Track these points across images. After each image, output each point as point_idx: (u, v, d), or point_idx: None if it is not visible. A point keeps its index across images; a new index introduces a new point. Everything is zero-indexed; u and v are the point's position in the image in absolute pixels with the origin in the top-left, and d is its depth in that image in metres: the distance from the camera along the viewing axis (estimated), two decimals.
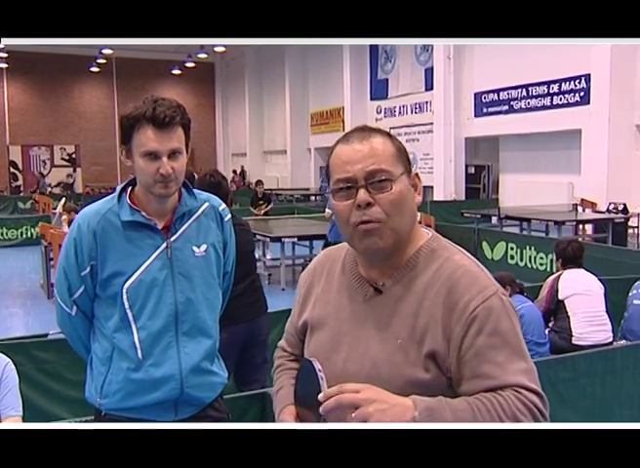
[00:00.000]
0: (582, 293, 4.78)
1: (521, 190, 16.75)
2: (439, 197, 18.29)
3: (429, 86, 19.40)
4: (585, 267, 4.99)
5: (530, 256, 9.38)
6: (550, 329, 4.87)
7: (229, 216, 2.19)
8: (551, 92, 15.72)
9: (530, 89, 16.33)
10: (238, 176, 29.50)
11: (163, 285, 1.98)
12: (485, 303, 1.32)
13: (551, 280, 4.96)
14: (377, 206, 1.34)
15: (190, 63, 28.91)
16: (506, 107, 17.12)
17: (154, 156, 1.91)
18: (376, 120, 21.88)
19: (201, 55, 27.19)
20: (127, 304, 1.96)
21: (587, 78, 14.44)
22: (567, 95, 15.28)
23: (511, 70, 16.44)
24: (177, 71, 30.34)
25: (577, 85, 14.96)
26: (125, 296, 1.96)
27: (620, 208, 12.81)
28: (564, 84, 15.30)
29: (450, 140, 18.46)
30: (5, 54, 26.16)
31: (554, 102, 15.66)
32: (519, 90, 16.64)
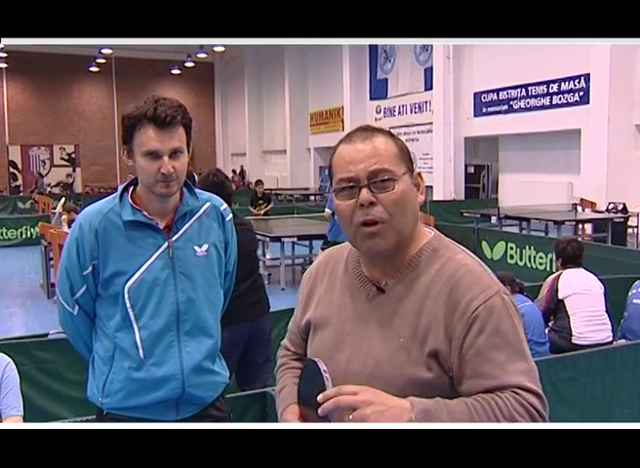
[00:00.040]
0: (582, 293, 4.79)
1: (520, 190, 16.76)
2: (439, 197, 18.30)
3: (429, 86, 19.41)
4: (585, 267, 5.00)
5: (529, 256, 9.38)
6: (550, 328, 4.88)
7: (231, 216, 2.20)
8: (551, 91, 15.73)
9: (529, 88, 16.34)
10: (238, 176, 29.49)
11: (164, 284, 1.98)
12: (487, 303, 1.32)
13: (551, 279, 4.97)
14: (379, 205, 1.34)
15: (190, 63, 28.90)
16: (506, 107, 17.13)
17: (155, 155, 1.91)
18: (375, 120, 21.87)
19: (200, 54, 27.18)
20: (128, 304, 1.97)
21: (587, 78, 14.46)
22: (566, 94, 15.29)
23: (511, 70, 16.45)
24: (176, 71, 30.32)
25: (576, 85, 14.97)
26: (126, 296, 1.96)
27: (620, 207, 12.82)
28: (563, 84, 15.31)
29: (449, 140, 18.47)
30: (4, 53, 26.14)
31: (554, 102, 15.67)
32: (519, 89, 16.65)
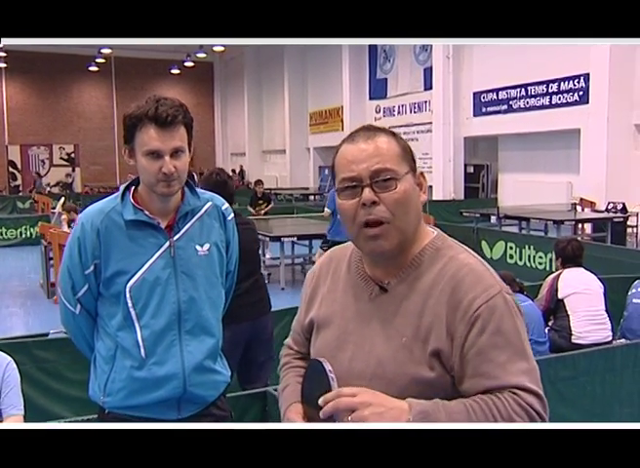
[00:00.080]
0: (582, 292, 4.79)
1: (520, 190, 16.76)
2: (438, 196, 18.31)
3: (428, 85, 19.41)
4: (585, 266, 5.00)
5: (529, 256, 9.39)
6: (550, 327, 4.88)
7: (232, 216, 2.20)
8: (550, 91, 15.74)
9: (529, 88, 16.35)
10: (237, 176, 29.50)
11: (166, 283, 1.99)
12: (489, 302, 1.32)
13: (551, 279, 4.97)
14: (382, 205, 1.35)
15: (189, 63, 28.90)
16: (505, 107, 17.13)
17: (157, 155, 1.92)
18: (375, 119, 21.87)
19: (200, 54, 27.18)
20: (130, 303, 1.97)
21: (586, 78, 14.46)
22: (566, 94, 15.30)
23: (510, 70, 16.45)
24: (176, 71, 30.31)
25: (575, 84, 14.98)
26: (128, 295, 1.97)
27: (619, 207, 12.84)
28: (563, 83, 15.32)
29: (449, 140, 18.48)
30: (4, 53, 26.13)
31: (553, 102, 15.67)
32: (518, 89, 16.66)
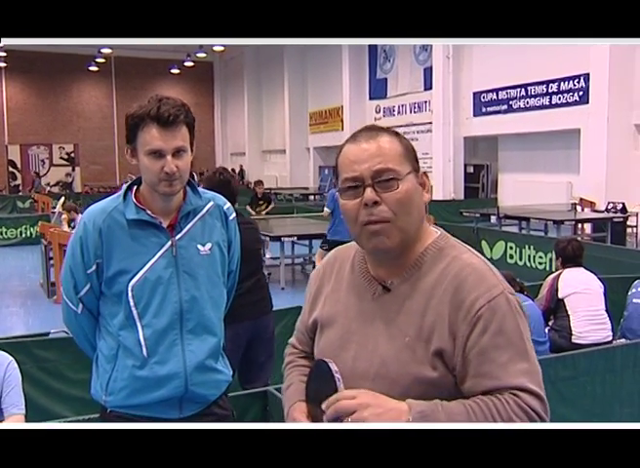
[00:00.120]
0: (582, 292, 4.80)
1: (520, 189, 16.76)
2: (438, 196, 18.29)
3: (428, 85, 19.42)
4: (585, 266, 5.01)
5: (529, 256, 9.39)
6: (550, 327, 4.89)
7: (234, 215, 2.21)
8: (550, 91, 15.74)
9: (529, 88, 16.35)
10: (237, 176, 29.50)
11: (168, 283, 1.99)
12: (491, 302, 1.32)
13: (551, 279, 4.97)
14: (383, 204, 1.35)
15: (189, 63, 28.92)
16: (505, 107, 17.14)
17: (159, 154, 1.92)
18: (374, 119, 21.88)
19: (200, 54, 27.20)
20: (132, 302, 1.97)
21: (586, 78, 14.47)
22: (566, 94, 15.31)
23: (510, 70, 16.46)
24: (175, 71, 30.33)
25: (575, 84, 14.98)
26: (130, 294, 1.97)
27: (619, 207, 12.85)
28: (563, 83, 15.33)
29: (449, 140, 18.49)
30: (4, 53, 26.14)
31: (553, 102, 15.68)
32: (518, 89, 16.66)
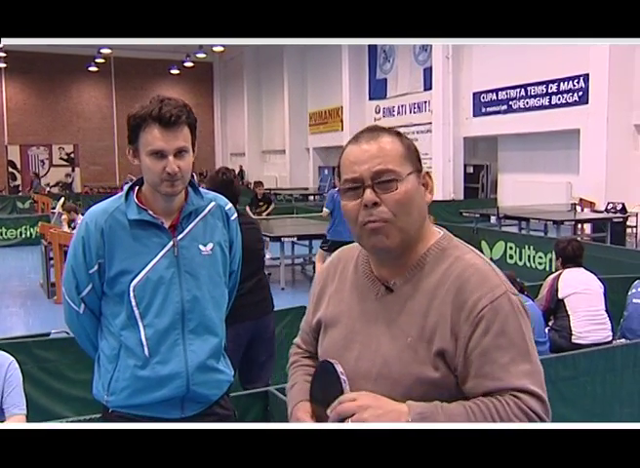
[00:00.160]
0: (582, 292, 4.80)
1: (520, 190, 16.77)
2: (438, 197, 18.27)
3: (428, 86, 19.43)
4: (585, 266, 5.01)
5: (529, 256, 9.39)
6: (550, 327, 4.89)
7: (236, 215, 2.21)
8: (550, 91, 15.75)
9: (528, 88, 16.36)
10: (237, 176, 29.48)
11: (170, 283, 1.99)
12: (493, 303, 1.32)
13: (551, 279, 4.98)
14: (383, 205, 1.35)
15: (189, 63, 28.92)
16: (505, 107, 17.15)
17: (161, 155, 1.93)
18: (374, 120, 21.89)
19: (200, 54, 27.20)
20: (134, 302, 1.98)
21: (586, 78, 14.47)
22: (565, 94, 15.31)
23: (510, 70, 16.47)
24: (175, 71, 30.33)
25: (575, 85, 14.99)
26: (132, 294, 1.97)
27: (619, 207, 12.86)
28: (562, 84, 15.33)
29: (448, 140, 18.50)
30: (3, 53, 26.14)
31: (553, 102, 15.69)
32: (518, 89, 16.67)
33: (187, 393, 2.02)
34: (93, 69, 29.58)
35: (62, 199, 13.65)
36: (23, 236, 14.33)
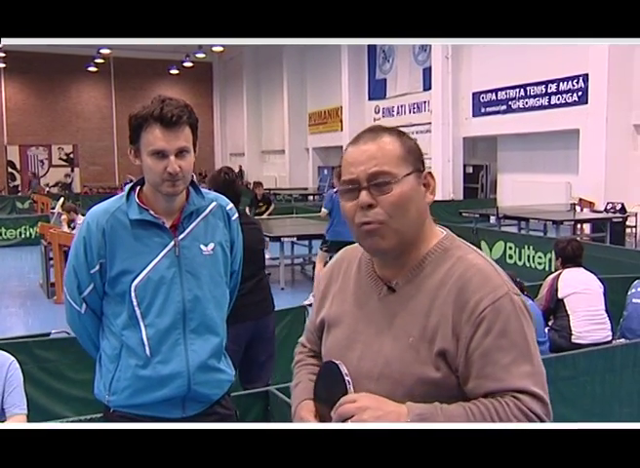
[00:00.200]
0: (582, 292, 4.81)
1: (519, 190, 16.78)
2: (437, 197, 18.02)
3: (427, 86, 19.42)
4: (584, 266, 5.02)
5: (528, 256, 9.39)
6: (550, 327, 4.90)
7: (237, 216, 2.22)
8: (549, 91, 15.75)
9: (528, 89, 16.36)
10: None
11: (171, 283, 2.00)
12: (495, 304, 1.32)
13: (551, 279, 4.98)
14: (378, 207, 1.35)
15: (188, 63, 28.91)
16: (504, 107, 17.15)
17: (162, 155, 1.93)
18: (374, 120, 21.89)
19: (199, 54, 27.19)
20: (135, 302, 1.98)
21: (585, 78, 14.48)
22: (565, 94, 15.32)
23: (509, 70, 16.47)
24: (175, 71, 30.33)
25: (574, 85, 14.99)
26: (133, 294, 1.98)
27: (618, 207, 12.87)
28: (562, 84, 15.34)
29: (448, 140, 18.49)
30: (2, 53, 26.13)
31: (552, 102, 15.69)
32: (517, 90, 16.67)
33: (188, 393, 2.02)
34: (92, 69, 29.57)
35: (62, 199, 13.65)
36: (23, 236, 14.33)
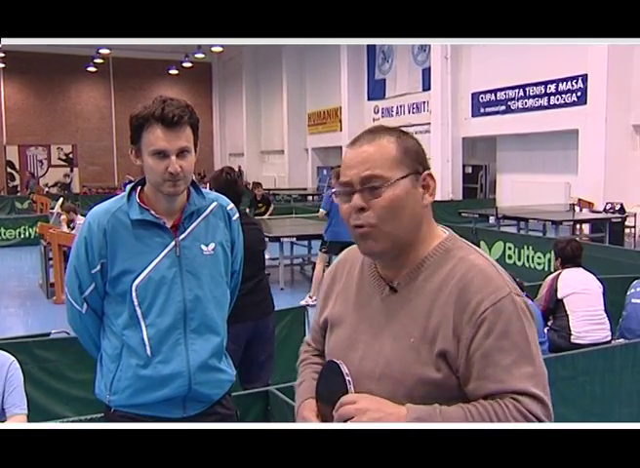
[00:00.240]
0: (581, 292, 4.81)
1: (518, 190, 16.79)
2: (436, 197, 18.25)
3: (427, 86, 19.44)
4: (584, 266, 5.02)
5: (527, 256, 9.39)
6: (549, 327, 4.90)
7: (237, 216, 2.22)
8: (548, 92, 15.77)
9: (527, 89, 16.38)
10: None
11: (171, 282, 2.00)
12: (496, 305, 1.31)
13: (550, 279, 4.99)
14: (370, 210, 1.36)
15: (187, 63, 28.90)
16: (504, 107, 17.16)
17: (163, 155, 1.93)
18: (373, 120, 21.90)
19: (198, 55, 27.16)
20: (136, 302, 1.98)
21: (584, 78, 14.49)
22: (564, 95, 15.33)
23: (509, 70, 16.48)
24: (174, 71, 30.31)
25: (574, 85, 15.00)
26: (134, 294, 1.98)
27: (617, 207, 12.88)
28: (561, 84, 15.35)
29: (447, 140, 18.51)
30: (2, 53, 26.11)
31: (551, 102, 15.70)
32: (516, 90, 16.68)
33: (189, 392, 2.03)
34: (91, 69, 29.54)
35: (61, 199, 13.65)
36: (22, 236, 14.32)
